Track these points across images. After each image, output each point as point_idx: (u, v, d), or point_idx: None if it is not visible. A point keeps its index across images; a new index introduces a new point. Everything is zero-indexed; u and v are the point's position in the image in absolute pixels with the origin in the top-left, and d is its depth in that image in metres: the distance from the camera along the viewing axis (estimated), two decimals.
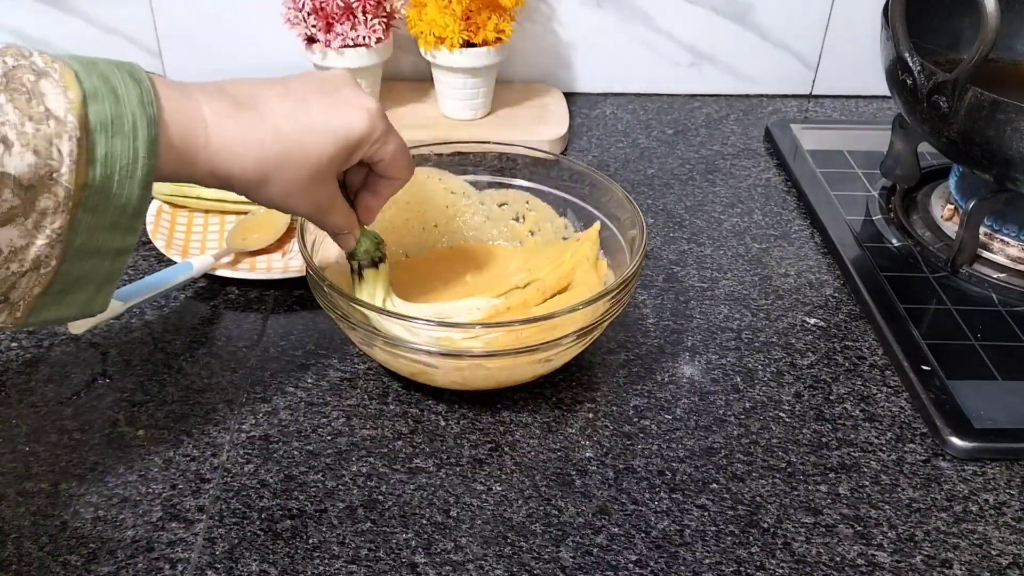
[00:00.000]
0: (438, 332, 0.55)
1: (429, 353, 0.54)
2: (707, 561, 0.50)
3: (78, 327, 0.59)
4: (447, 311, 0.60)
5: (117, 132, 0.40)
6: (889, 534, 0.52)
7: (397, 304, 0.59)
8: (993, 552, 0.51)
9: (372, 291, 0.59)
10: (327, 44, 0.82)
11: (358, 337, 0.57)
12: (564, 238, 0.68)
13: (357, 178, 0.56)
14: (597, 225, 0.66)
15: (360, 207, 0.56)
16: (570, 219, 0.68)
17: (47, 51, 0.41)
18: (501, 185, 0.69)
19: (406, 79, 0.95)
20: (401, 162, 0.54)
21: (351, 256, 0.58)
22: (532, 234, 0.70)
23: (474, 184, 0.70)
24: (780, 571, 0.50)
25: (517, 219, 0.70)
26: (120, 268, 0.44)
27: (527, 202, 0.69)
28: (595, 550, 0.50)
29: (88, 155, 0.40)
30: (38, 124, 0.38)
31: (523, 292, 0.63)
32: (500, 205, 0.70)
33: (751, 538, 0.51)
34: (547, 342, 0.54)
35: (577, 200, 0.67)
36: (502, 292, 0.63)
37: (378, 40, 0.83)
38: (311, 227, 0.61)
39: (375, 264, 0.58)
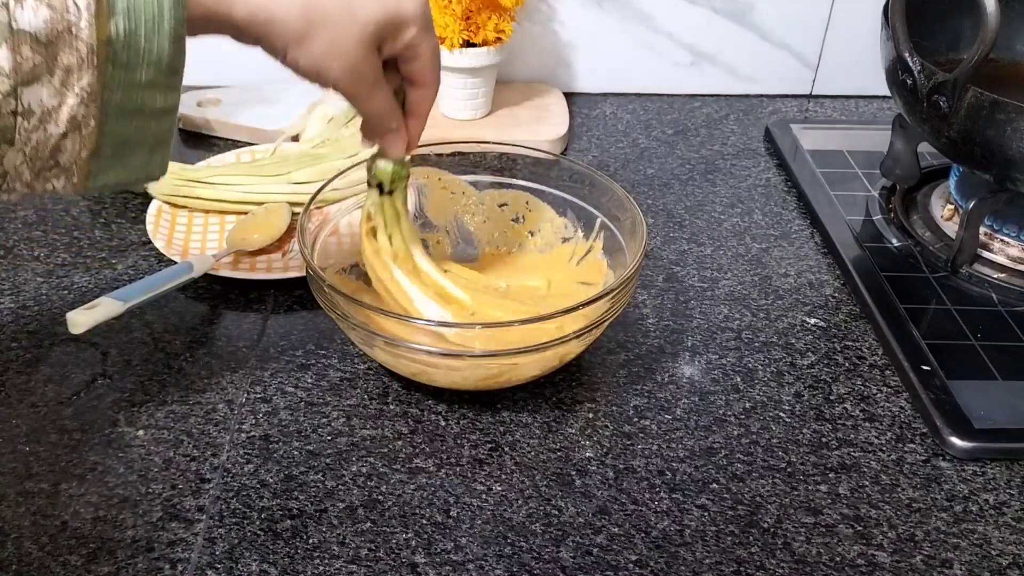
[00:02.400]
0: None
1: (429, 353, 0.54)
2: (707, 561, 0.50)
3: (78, 327, 0.59)
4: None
5: None
6: (889, 534, 0.52)
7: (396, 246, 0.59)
8: (993, 552, 0.51)
9: (383, 216, 0.58)
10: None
11: (358, 337, 0.57)
12: (564, 239, 0.68)
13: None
14: None
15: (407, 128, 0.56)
16: (570, 219, 0.68)
17: None
18: (501, 185, 0.69)
19: None
20: (436, 65, 0.53)
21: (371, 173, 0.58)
22: (532, 235, 0.70)
23: (474, 184, 0.70)
24: (780, 571, 0.50)
25: (517, 220, 0.70)
26: (169, 129, 0.44)
27: (527, 202, 0.69)
28: (595, 550, 0.50)
29: (108, 8, 0.39)
30: None
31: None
32: (500, 205, 0.70)
33: (751, 538, 0.51)
34: (547, 342, 0.54)
35: (577, 200, 0.67)
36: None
37: None
38: (311, 227, 0.61)
39: (380, 190, 0.58)
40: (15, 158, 0.40)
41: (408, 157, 0.58)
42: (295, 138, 0.84)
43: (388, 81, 0.53)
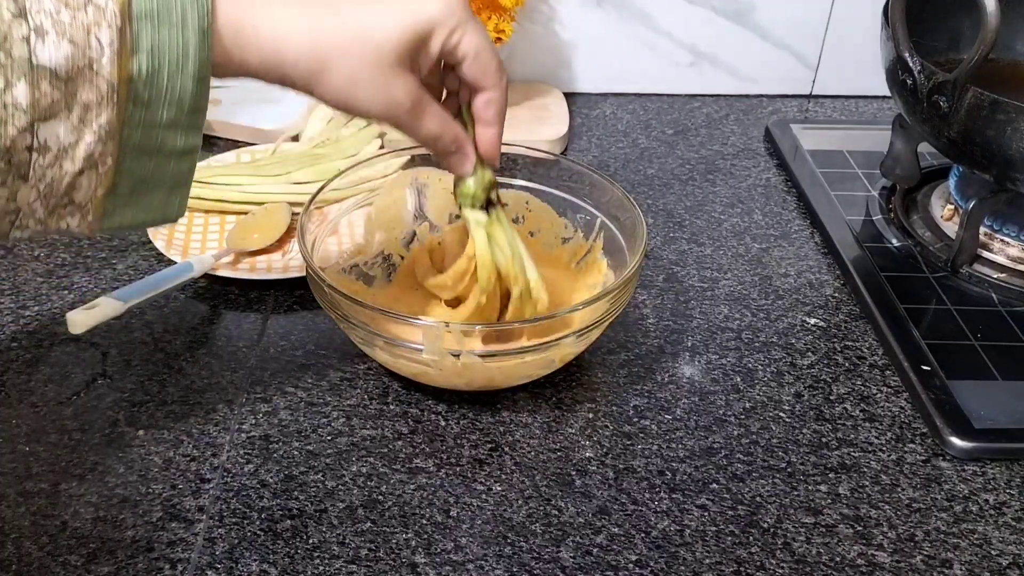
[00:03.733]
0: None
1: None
2: (707, 561, 0.50)
3: (78, 327, 0.59)
4: None
5: (164, 21, 0.38)
6: (889, 534, 0.52)
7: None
8: (993, 552, 0.51)
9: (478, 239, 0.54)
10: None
11: (358, 337, 0.57)
12: (564, 239, 0.68)
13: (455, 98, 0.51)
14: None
15: (477, 139, 0.52)
16: (570, 219, 0.68)
17: None
18: (501, 185, 0.69)
19: None
20: (488, 63, 0.48)
21: (456, 194, 0.53)
22: (532, 235, 0.70)
23: None
24: (780, 571, 0.50)
25: (516, 220, 0.70)
26: (189, 170, 0.43)
27: (527, 202, 0.69)
28: (595, 550, 0.50)
29: (132, 45, 0.38)
30: (75, 11, 0.37)
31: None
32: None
33: (751, 538, 0.51)
34: (547, 342, 0.54)
35: (577, 200, 0.67)
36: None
37: None
38: (311, 227, 0.61)
39: (483, 208, 0.53)
40: (28, 194, 0.39)
41: (486, 172, 0.53)
42: (295, 138, 0.84)
43: (449, 96, 0.51)
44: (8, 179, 0.38)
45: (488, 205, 0.54)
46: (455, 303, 0.61)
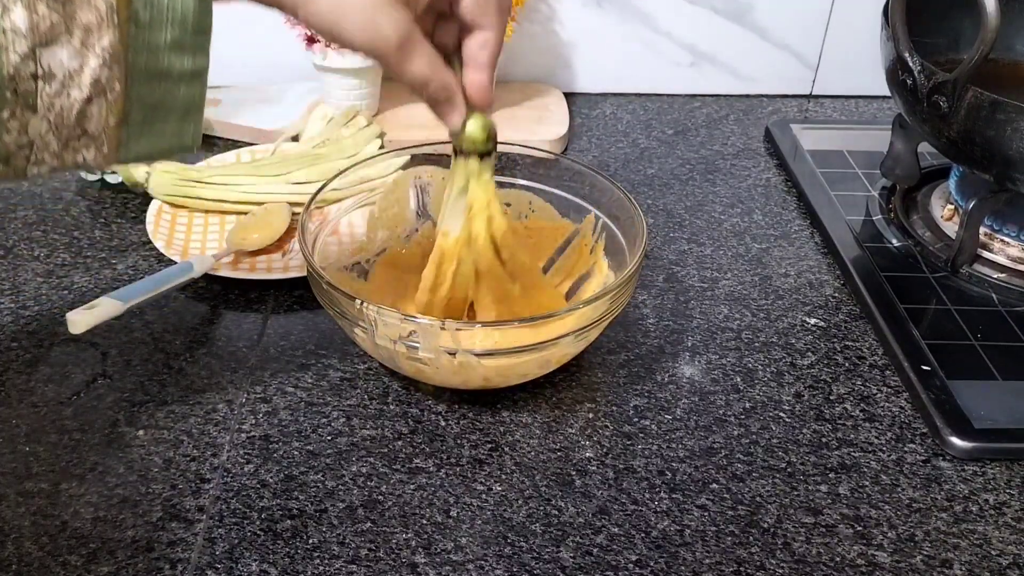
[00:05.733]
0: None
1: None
2: (707, 561, 0.50)
3: (78, 327, 0.59)
4: None
5: None
6: (889, 534, 0.52)
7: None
8: (993, 552, 0.51)
9: (456, 185, 0.53)
10: (327, 44, 0.82)
11: (358, 336, 0.57)
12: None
13: (449, 39, 0.49)
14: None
15: (466, 84, 0.49)
16: (570, 219, 0.68)
17: None
18: (502, 185, 0.69)
19: None
20: (490, 1, 0.46)
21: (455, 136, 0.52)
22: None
23: None
24: (780, 571, 0.50)
25: (518, 219, 0.70)
26: (200, 94, 0.42)
27: (530, 202, 0.69)
28: (595, 550, 0.50)
29: None
30: None
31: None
32: (503, 205, 0.70)
33: (751, 538, 0.51)
34: (547, 342, 0.54)
35: (577, 200, 0.67)
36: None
37: None
38: (311, 226, 0.61)
39: (479, 156, 0.52)
40: (40, 126, 0.38)
41: (484, 117, 0.51)
42: (295, 138, 0.84)
43: (447, 33, 0.49)
44: (17, 110, 0.37)
45: (482, 154, 0.52)
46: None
